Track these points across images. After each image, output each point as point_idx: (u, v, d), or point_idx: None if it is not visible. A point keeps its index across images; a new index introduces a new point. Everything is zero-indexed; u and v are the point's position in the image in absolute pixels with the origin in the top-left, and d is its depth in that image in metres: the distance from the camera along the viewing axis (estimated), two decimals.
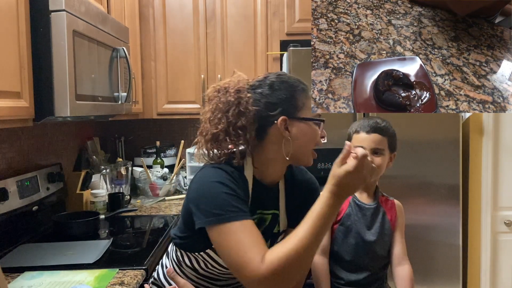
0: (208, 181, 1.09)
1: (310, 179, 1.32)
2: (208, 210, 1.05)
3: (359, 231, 1.49)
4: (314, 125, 1.16)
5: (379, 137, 1.48)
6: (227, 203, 1.04)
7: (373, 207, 1.52)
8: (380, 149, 1.48)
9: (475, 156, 2.46)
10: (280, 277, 0.96)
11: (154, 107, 2.75)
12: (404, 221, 1.58)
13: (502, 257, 2.50)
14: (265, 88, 1.15)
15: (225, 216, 1.02)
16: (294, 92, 1.15)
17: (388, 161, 1.52)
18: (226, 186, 1.06)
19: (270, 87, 1.15)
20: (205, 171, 1.14)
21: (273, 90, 1.15)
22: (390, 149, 1.52)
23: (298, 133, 1.14)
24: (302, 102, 1.15)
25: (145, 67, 2.71)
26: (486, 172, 2.45)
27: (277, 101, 1.13)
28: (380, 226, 1.50)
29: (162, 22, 2.71)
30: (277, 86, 1.15)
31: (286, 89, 1.15)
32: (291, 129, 1.13)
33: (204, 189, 1.08)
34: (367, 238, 1.48)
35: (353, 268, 1.49)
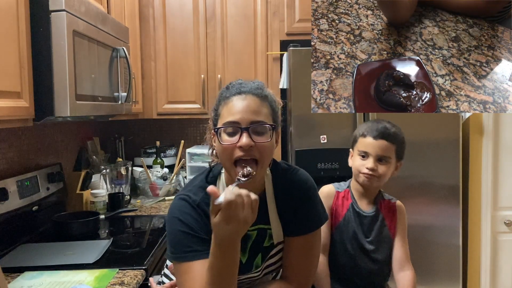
0: (171, 216, 1.11)
1: (301, 178, 1.18)
2: (168, 245, 1.10)
3: (357, 238, 1.44)
4: (222, 134, 1.03)
5: (387, 144, 1.38)
6: (181, 243, 1.06)
7: (371, 214, 1.46)
8: (386, 157, 1.40)
9: (475, 156, 2.46)
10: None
11: (154, 107, 2.75)
12: (405, 225, 1.51)
13: (502, 257, 2.50)
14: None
15: (177, 256, 1.06)
16: (218, 102, 1.09)
17: (393, 170, 1.44)
18: (184, 224, 1.06)
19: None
20: (174, 202, 1.14)
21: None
22: (397, 157, 1.43)
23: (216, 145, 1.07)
24: (221, 111, 1.06)
25: (145, 67, 2.71)
26: (486, 172, 2.45)
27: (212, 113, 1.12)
28: (378, 233, 1.45)
29: (162, 22, 2.71)
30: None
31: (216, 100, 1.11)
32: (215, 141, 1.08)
33: (168, 224, 1.12)
34: (366, 246, 1.43)
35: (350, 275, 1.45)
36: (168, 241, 1.10)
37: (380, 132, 1.38)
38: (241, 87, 1.06)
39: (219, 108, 1.07)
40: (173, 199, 1.15)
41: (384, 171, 1.39)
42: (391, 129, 1.39)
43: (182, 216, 1.08)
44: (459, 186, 2.34)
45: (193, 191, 1.12)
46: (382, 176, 1.40)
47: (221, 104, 1.07)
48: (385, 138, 1.38)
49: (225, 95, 1.07)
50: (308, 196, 1.18)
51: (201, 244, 1.05)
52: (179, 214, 1.08)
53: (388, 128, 1.39)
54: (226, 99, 1.06)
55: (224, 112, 1.04)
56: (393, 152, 1.40)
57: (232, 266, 0.95)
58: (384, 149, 1.38)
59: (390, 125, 1.41)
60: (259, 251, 1.15)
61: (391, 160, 1.40)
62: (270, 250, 1.16)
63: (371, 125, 1.42)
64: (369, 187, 1.45)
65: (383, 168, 1.39)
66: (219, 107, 1.07)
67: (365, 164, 1.40)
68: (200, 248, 1.04)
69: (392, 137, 1.39)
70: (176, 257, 1.06)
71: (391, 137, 1.38)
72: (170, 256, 1.09)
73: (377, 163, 1.39)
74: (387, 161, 1.39)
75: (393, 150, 1.40)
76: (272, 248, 1.16)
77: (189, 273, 1.03)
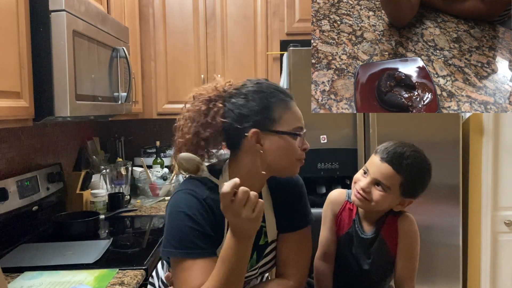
0: (177, 210, 1.07)
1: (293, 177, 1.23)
2: (169, 240, 1.06)
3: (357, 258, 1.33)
4: (291, 138, 1.08)
5: (390, 171, 1.19)
6: (186, 239, 1.03)
7: (370, 237, 1.31)
8: (384, 185, 1.20)
9: (475, 156, 2.46)
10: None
11: (154, 107, 2.74)
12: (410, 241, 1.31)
13: (502, 257, 2.50)
14: (239, 98, 1.08)
15: (181, 252, 1.03)
16: (270, 103, 1.07)
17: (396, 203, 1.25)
18: (192, 220, 1.04)
19: (245, 96, 1.08)
20: (178, 196, 1.10)
21: (247, 100, 1.07)
22: (403, 193, 1.22)
23: (272, 146, 1.07)
24: (279, 115, 1.07)
25: (145, 67, 2.71)
26: (486, 172, 2.45)
27: (249, 113, 1.06)
28: (378, 255, 1.31)
29: (162, 22, 2.71)
30: (251, 96, 1.08)
31: (260, 99, 1.07)
32: (264, 142, 1.07)
33: (171, 218, 1.07)
34: (365, 267, 1.32)
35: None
36: (170, 236, 1.06)
37: (390, 155, 1.20)
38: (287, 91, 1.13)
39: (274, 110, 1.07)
40: (176, 194, 1.11)
41: (378, 198, 1.21)
42: (407, 159, 1.19)
43: (189, 210, 1.05)
44: (459, 186, 2.34)
45: (197, 187, 1.10)
46: (376, 202, 1.22)
47: (277, 106, 1.08)
48: (391, 164, 1.19)
49: (281, 98, 1.09)
50: (300, 192, 1.23)
51: (206, 241, 1.05)
52: (187, 208, 1.05)
53: (404, 155, 1.19)
54: (284, 103, 1.08)
55: (288, 116, 1.08)
56: (396, 184, 1.20)
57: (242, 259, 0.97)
58: (385, 175, 1.20)
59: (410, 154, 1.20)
60: (254, 249, 1.15)
61: (391, 192, 1.21)
62: (265, 248, 1.18)
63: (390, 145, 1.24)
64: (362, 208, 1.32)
65: (377, 194, 1.21)
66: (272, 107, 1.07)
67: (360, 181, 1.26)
68: (204, 245, 1.04)
69: (402, 168, 1.19)
70: (179, 253, 1.03)
71: (401, 167, 1.19)
72: (171, 252, 1.05)
73: (373, 186, 1.22)
74: (384, 189, 1.21)
75: (397, 181, 1.19)
76: (266, 246, 1.18)
77: (191, 270, 1.01)
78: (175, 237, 1.05)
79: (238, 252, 0.96)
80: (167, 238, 1.06)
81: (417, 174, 1.21)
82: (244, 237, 0.95)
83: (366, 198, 1.23)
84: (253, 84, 1.11)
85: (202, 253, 1.03)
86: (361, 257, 1.33)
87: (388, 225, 1.31)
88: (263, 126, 1.06)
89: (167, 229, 1.07)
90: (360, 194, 1.24)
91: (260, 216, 0.94)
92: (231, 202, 0.90)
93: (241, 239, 0.95)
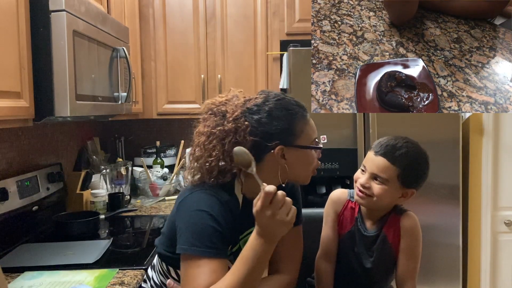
0: (198, 209, 1.07)
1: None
2: (188, 237, 1.05)
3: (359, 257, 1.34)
4: (311, 150, 1.14)
5: (386, 163, 1.21)
6: (206, 237, 1.04)
7: (373, 235, 1.33)
8: (382, 178, 1.22)
9: (475, 156, 2.46)
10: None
11: (154, 107, 2.74)
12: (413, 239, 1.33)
13: (502, 257, 2.50)
14: (263, 115, 1.10)
15: (198, 249, 1.03)
16: (293, 120, 1.11)
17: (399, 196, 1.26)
18: (215, 220, 1.05)
19: (269, 114, 1.10)
20: (198, 195, 1.11)
21: (271, 118, 1.10)
22: (403, 183, 1.23)
23: (295, 160, 1.12)
24: (301, 129, 1.12)
25: (145, 67, 2.71)
26: (486, 172, 2.45)
27: (275, 131, 1.09)
28: (380, 253, 1.32)
29: (162, 22, 2.71)
30: (276, 114, 1.10)
31: (285, 117, 1.11)
32: (288, 156, 1.11)
33: (192, 215, 1.07)
34: (367, 266, 1.33)
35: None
36: (190, 233, 1.05)
37: (383, 148, 1.22)
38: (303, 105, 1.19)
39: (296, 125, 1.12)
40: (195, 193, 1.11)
41: (379, 192, 1.22)
42: (399, 149, 1.21)
43: (212, 211, 1.06)
44: (459, 186, 2.34)
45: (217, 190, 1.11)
46: (377, 196, 1.23)
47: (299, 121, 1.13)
48: (385, 156, 1.21)
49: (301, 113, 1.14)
50: (297, 188, 1.29)
51: (223, 242, 1.07)
52: (209, 208, 1.06)
53: (396, 147, 1.22)
54: (303, 118, 1.14)
55: (307, 130, 1.14)
56: (394, 175, 1.21)
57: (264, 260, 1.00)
58: (381, 168, 1.22)
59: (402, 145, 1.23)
60: None
61: (390, 184, 1.22)
62: None
63: (383, 139, 1.27)
64: (365, 206, 1.33)
65: (377, 188, 1.23)
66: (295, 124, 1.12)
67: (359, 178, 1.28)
68: (221, 246, 1.06)
69: (396, 159, 1.21)
70: (198, 251, 1.03)
71: (394, 158, 1.21)
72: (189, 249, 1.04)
73: (372, 181, 1.24)
74: (383, 182, 1.22)
75: (393, 172, 1.21)
76: None
77: (205, 268, 1.02)
78: (194, 234, 1.05)
79: (262, 254, 0.98)
80: (186, 235, 1.06)
81: (412, 163, 1.22)
82: (271, 240, 0.99)
83: (368, 194, 1.25)
84: (275, 101, 1.13)
85: (219, 254, 1.04)
86: (363, 255, 1.33)
87: (390, 223, 1.32)
88: (288, 142, 1.11)
89: (187, 226, 1.07)
90: (361, 191, 1.26)
91: (292, 221, 0.97)
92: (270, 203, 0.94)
93: (268, 241, 0.98)
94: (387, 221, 1.33)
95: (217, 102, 1.17)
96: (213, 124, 1.13)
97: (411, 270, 1.32)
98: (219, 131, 1.11)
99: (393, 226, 1.32)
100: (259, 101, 1.13)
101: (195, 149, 1.16)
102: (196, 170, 1.15)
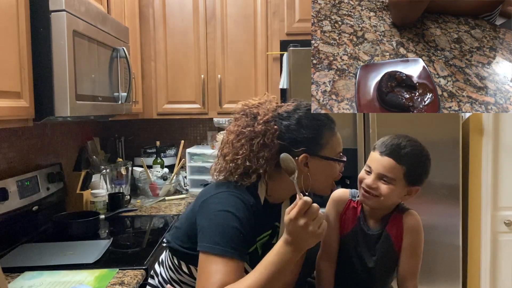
0: (224, 209, 1.09)
1: None
2: (212, 236, 1.06)
3: (362, 256, 1.34)
4: (335, 163, 1.18)
5: (392, 163, 1.21)
6: (231, 238, 1.05)
7: (376, 233, 1.32)
8: (389, 177, 1.22)
9: (475, 156, 2.46)
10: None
11: (154, 107, 2.75)
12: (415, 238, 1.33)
13: (502, 257, 2.50)
14: (292, 122, 1.15)
15: (222, 249, 1.04)
16: (320, 130, 1.16)
17: (404, 194, 1.27)
18: (240, 222, 1.07)
19: (298, 122, 1.15)
20: (225, 196, 1.12)
21: (300, 126, 1.15)
22: (408, 182, 1.24)
23: (317, 169, 1.16)
24: (326, 141, 1.16)
25: (145, 67, 2.71)
26: (486, 172, 2.45)
27: (302, 139, 1.14)
28: (383, 252, 1.32)
29: (162, 22, 2.71)
30: (305, 123, 1.15)
31: (313, 127, 1.15)
32: (311, 165, 1.15)
33: (217, 215, 1.09)
34: (370, 265, 1.33)
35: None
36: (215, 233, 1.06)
37: (388, 148, 1.23)
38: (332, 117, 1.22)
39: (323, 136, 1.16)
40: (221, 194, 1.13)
41: (386, 192, 1.23)
42: (404, 148, 1.22)
43: (238, 213, 1.08)
44: (459, 185, 2.34)
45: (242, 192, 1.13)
46: (384, 196, 1.23)
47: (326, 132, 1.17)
48: (391, 156, 1.21)
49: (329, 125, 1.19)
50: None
51: (245, 245, 1.08)
52: (235, 210, 1.08)
53: (400, 146, 1.22)
54: (331, 130, 1.19)
55: (333, 142, 1.18)
56: (400, 174, 1.22)
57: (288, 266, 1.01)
58: (388, 168, 1.22)
59: (406, 144, 1.23)
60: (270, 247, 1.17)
61: (396, 183, 1.23)
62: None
63: (386, 139, 1.27)
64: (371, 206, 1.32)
65: (384, 188, 1.23)
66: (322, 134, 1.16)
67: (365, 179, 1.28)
68: (244, 249, 1.08)
69: (402, 158, 1.21)
70: (222, 250, 1.04)
71: (400, 157, 1.21)
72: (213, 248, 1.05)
73: (379, 181, 1.24)
74: (390, 182, 1.23)
75: (400, 171, 1.22)
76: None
77: (223, 267, 1.02)
78: (219, 234, 1.06)
79: (286, 262, 1.00)
80: (210, 234, 1.07)
81: (417, 161, 1.24)
82: (298, 249, 1.00)
83: (375, 194, 1.25)
84: (305, 110, 1.17)
85: (239, 255, 1.05)
86: (366, 254, 1.33)
87: (393, 221, 1.33)
88: (313, 151, 1.15)
89: (211, 225, 1.08)
90: (368, 192, 1.26)
91: (323, 235, 1.00)
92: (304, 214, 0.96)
93: (295, 250, 1.00)
94: (390, 219, 1.33)
95: (250, 104, 1.20)
96: (243, 124, 1.16)
97: (413, 268, 1.33)
98: (248, 131, 1.14)
99: (396, 225, 1.32)
100: (290, 108, 1.18)
101: (224, 146, 1.19)
102: (222, 167, 1.18)
